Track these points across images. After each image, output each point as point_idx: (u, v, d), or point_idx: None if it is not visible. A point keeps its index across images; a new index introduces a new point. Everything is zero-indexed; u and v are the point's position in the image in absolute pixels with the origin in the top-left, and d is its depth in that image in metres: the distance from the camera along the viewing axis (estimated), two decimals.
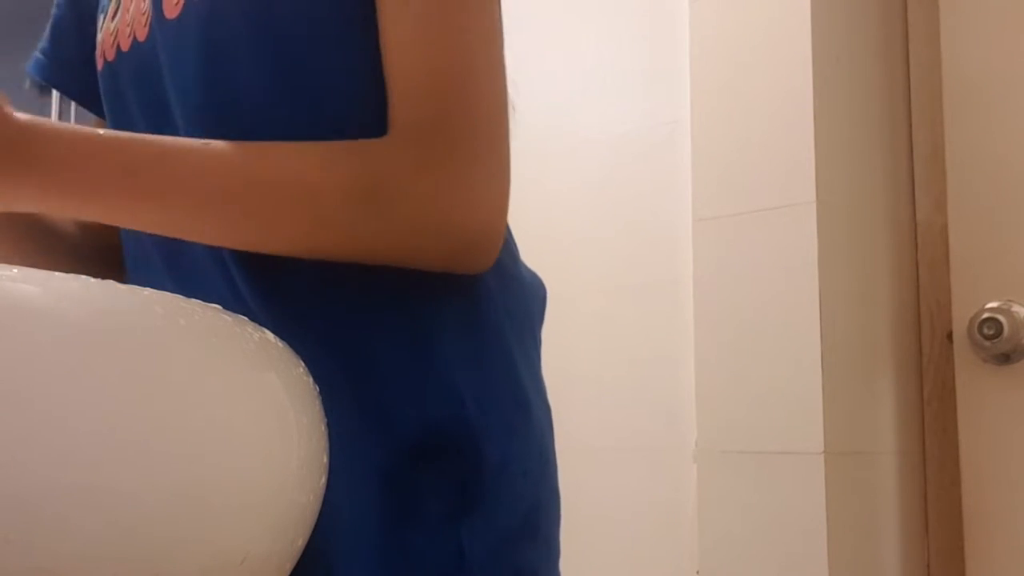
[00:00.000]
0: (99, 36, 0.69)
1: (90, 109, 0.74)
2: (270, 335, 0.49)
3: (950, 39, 1.42)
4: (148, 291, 0.41)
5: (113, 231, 0.70)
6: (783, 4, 1.31)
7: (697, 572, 1.32)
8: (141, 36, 0.64)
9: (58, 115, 1.65)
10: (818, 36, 1.30)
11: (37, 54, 0.76)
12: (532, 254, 0.70)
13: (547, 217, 1.53)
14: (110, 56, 0.67)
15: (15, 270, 0.36)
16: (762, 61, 1.32)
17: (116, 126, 0.67)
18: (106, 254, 0.72)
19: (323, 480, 0.50)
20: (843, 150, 1.33)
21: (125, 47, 0.65)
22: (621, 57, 1.52)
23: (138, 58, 0.64)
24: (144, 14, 0.64)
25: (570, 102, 1.56)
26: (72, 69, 0.74)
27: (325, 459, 0.51)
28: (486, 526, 0.57)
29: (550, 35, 1.60)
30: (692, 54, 1.40)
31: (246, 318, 0.47)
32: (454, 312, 0.59)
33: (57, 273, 0.38)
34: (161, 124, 0.62)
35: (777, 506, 1.25)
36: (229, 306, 0.46)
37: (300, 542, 0.48)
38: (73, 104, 0.87)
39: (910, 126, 1.46)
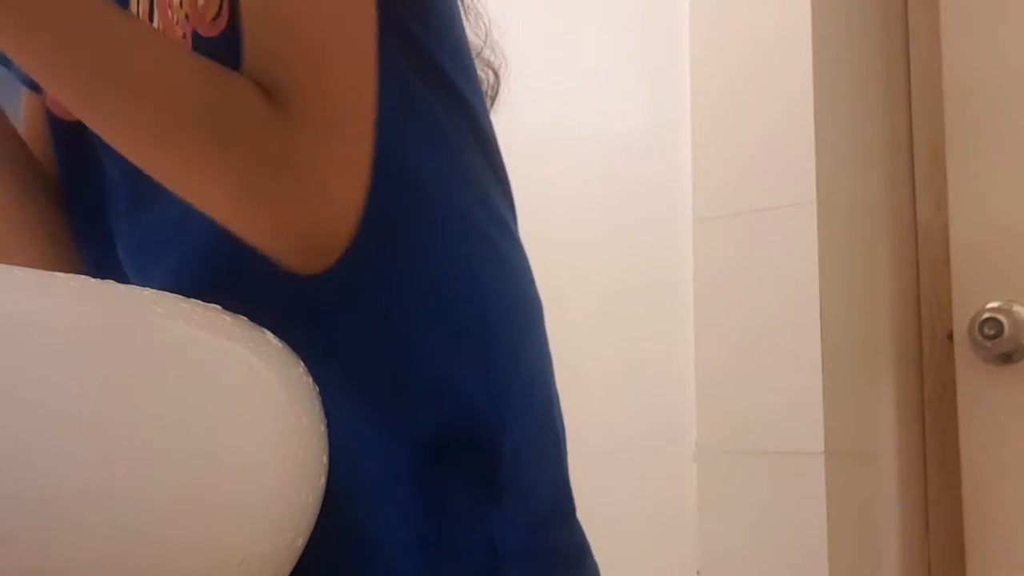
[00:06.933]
0: None
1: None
2: (270, 335, 0.49)
3: (950, 39, 1.42)
4: (148, 291, 0.41)
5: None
6: (783, 4, 1.31)
7: (697, 572, 1.31)
8: None
9: None
10: (818, 36, 1.29)
11: None
12: (532, 254, 0.70)
13: (547, 217, 1.53)
14: None
15: (16, 271, 0.36)
16: (762, 61, 1.32)
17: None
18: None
19: (323, 480, 0.50)
20: (843, 150, 1.33)
21: None
22: (621, 56, 1.52)
23: None
24: None
25: (569, 102, 1.56)
26: None
27: (325, 459, 0.51)
28: (515, 514, 0.57)
29: (549, 34, 1.60)
30: (692, 54, 1.39)
31: (245, 318, 0.47)
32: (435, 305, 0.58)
33: (57, 273, 0.38)
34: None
35: (777, 506, 1.25)
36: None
37: (300, 542, 0.48)
38: None
39: (910, 126, 1.46)
